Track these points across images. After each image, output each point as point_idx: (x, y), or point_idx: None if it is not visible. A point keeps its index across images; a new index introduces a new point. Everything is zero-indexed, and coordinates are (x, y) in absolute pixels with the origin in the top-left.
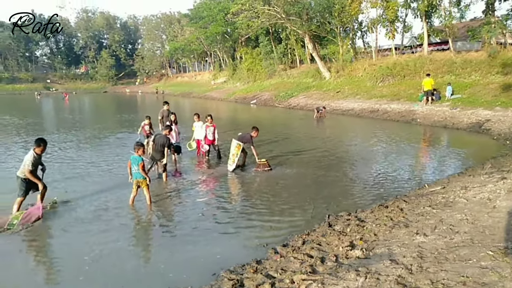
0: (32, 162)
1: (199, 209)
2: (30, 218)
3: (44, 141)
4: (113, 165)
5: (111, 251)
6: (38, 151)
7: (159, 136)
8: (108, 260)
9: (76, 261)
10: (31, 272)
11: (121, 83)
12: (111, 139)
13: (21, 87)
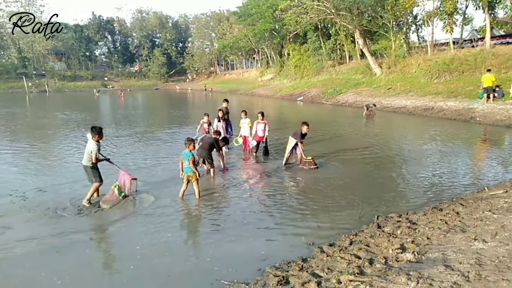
0: (98, 149)
1: (245, 205)
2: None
3: (101, 128)
4: (164, 160)
5: (161, 242)
6: (97, 139)
7: (208, 137)
8: (157, 251)
9: (129, 249)
10: (89, 256)
11: (172, 80)
12: (162, 134)
13: (81, 84)
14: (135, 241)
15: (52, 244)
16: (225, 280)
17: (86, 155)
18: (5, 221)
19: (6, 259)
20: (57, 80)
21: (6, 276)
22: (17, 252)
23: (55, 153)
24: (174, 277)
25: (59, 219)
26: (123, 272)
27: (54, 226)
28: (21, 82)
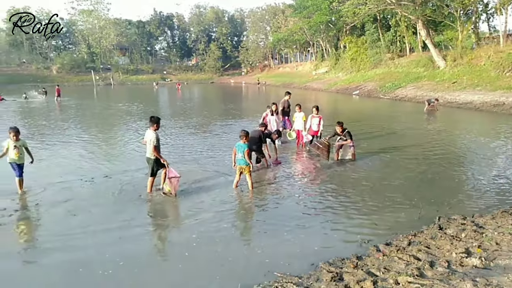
0: (157, 138)
1: (297, 199)
2: (174, 186)
3: (159, 118)
4: (218, 152)
5: (215, 232)
6: (155, 128)
7: (254, 130)
8: (211, 240)
9: (186, 237)
10: (147, 242)
11: (227, 74)
12: (217, 127)
13: (143, 77)
14: (191, 230)
15: (115, 230)
16: (278, 272)
17: (148, 146)
18: (76, 204)
19: (74, 239)
20: (121, 73)
21: (73, 259)
22: (85, 236)
23: (119, 142)
24: (227, 266)
25: (123, 205)
26: (178, 259)
27: (118, 212)
28: (90, 75)
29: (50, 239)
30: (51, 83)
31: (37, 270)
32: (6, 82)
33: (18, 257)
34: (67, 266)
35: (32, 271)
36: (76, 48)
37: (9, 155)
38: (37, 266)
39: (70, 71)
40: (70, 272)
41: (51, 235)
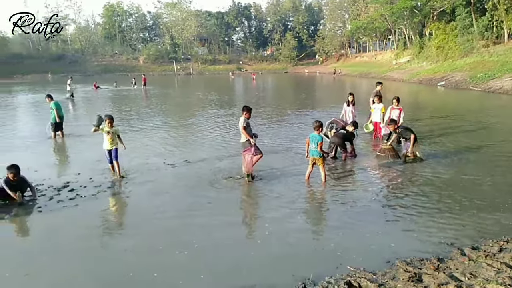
0: (246, 122)
1: (373, 193)
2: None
3: (250, 108)
4: (290, 142)
5: (288, 223)
6: (247, 116)
7: (342, 132)
8: (284, 231)
9: (259, 225)
10: (220, 226)
11: (301, 63)
12: (289, 116)
13: (220, 67)
14: (263, 218)
15: (194, 211)
16: (351, 266)
17: (241, 133)
18: (159, 186)
19: (159, 218)
20: (200, 63)
21: (153, 232)
22: (168, 216)
23: (198, 129)
24: (299, 258)
25: (203, 188)
26: (252, 248)
27: (197, 194)
28: (172, 65)
29: (133, 218)
30: (138, 72)
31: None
32: (101, 71)
33: (101, 230)
34: (142, 244)
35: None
36: (161, 39)
37: (104, 143)
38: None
39: (154, 61)
40: (145, 253)
41: (135, 212)
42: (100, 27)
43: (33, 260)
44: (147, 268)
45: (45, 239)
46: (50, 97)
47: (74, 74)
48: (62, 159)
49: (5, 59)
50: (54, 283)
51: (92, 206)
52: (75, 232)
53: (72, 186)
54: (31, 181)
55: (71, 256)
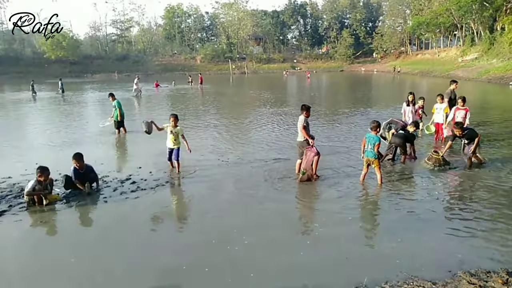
0: (306, 121)
1: (432, 199)
2: (309, 159)
3: (309, 106)
4: (345, 141)
5: (341, 225)
6: (306, 115)
7: (402, 132)
8: (337, 232)
9: (311, 226)
10: (283, 226)
11: (357, 62)
12: (344, 116)
13: (274, 66)
14: (315, 219)
15: (247, 209)
16: (408, 273)
17: (299, 132)
18: (214, 182)
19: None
20: (254, 62)
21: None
22: (222, 211)
23: (251, 127)
24: (353, 262)
25: (256, 186)
26: (303, 248)
27: (250, 193)
28: (227, 64)
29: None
30: (195, 71)
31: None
32: (161, 70)
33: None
34: (195, 237)
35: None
36: (217, 39)
37: (167, 141)
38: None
39: (211, 61)
40: (197, 246)
41: (190, 206)
42: (161, 28)
43: (95, 247)
44: (199, 262)
45: (109, 227)
46: (112, 96)
47: (136, 73)
48: (125, 153)
49: (78, 60)
50: (112, 269)
51: (151, 198)
52: (135, 222)
53: (134, 179)
54: (98, 172)
55: (131, 244)
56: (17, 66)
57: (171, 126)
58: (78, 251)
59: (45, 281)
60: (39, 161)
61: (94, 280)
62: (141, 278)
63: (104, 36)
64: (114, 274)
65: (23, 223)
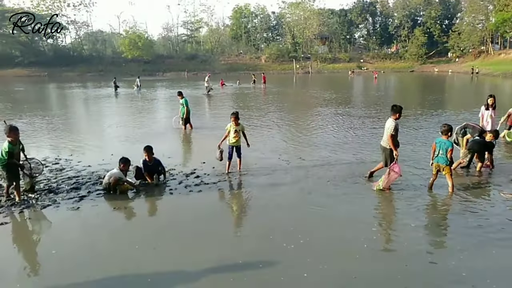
0: (395, 128)
1: (507, 210)
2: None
3: (401, 107)
4: (411, 146)
5: (406, 232)
6: (396, 117)
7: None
8: (400, 240)
9: (368, 233)
10: (337, 232)
11: (430, 62)
12: (411, 119)
13: (339, 66)
14: (370, 222)
15: (305, 210)
16: None
17: (384, 134)
18: (274, 180)
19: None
20: (319, 62)
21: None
22: (280, 209)
23: (312, 128)
24: (414, 272)
25: (317, 187)
26: (361, 250)
27: (310, 193)
28: (291, 64)
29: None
30: (259, 71)
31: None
32: (227, 70)
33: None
34: (253, 232)
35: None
36: (282, 39)
37: (229, 138)
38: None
39: (275, 60)
40: (256, 241)
41: (251, 203)
42: (228, 29)
43: (159, 235)
44: (255, 256)
45: (173, 217)
46: (180, 94)
47: (203, 72)
48: (190, 149)
49: (151, 59)
50: (177, 256)
51: (214, 193)
52: (197, 213)
53: (198, 173)
54: (165, 165)
55: (192, 234)
56: (99, 65)
57: (233, 125)
58: (143, 237)
59: (110, 263)
60: (114, 153)
61: (154, 264)
62: (199, 266)
63: (175, 36)
64: (174, 261)
65: (100, 208)
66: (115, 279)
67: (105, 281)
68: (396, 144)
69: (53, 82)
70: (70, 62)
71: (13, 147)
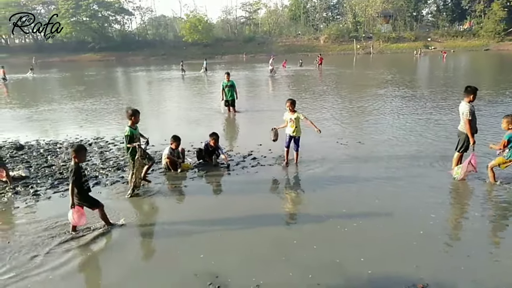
0: (471, 111)
1: None
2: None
3: (476, 88)
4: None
5: (458, 229)
6: (470, 100)
7: None
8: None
9: (422, 221)
10: (392, 219)
11: (509, 39)
12: (486, 105)
13: (403, 45)
14: (427, 215)
15: (360, 192)
16: None
17: (461, 119)
18: (331, 162)
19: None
20: (381, 42)
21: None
22: (336, 188)
23: (369, 111)
24: (479, 267)
25: (373, 171)
26: (412, 240)
27: (366, 179)
28: (351, 44)
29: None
30: (318, 52)
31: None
32: (284, 51)
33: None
34: (305, 213)
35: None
36: (343, 18)
37: (287, 128)
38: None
39: (335, 41)
40: (307, 222)
41: (306, 183)
42: (287, 9)
43: (217, 211)
44: (309, 238)
45: (230, 196)
46: (228, 75)
47: (260, 55)
48: (247, 131)
49: (210, 42)
50: (229, 232)
51: (269, 174)
52: (253, 194)
53: (255, 155)
54: (223, 147)
55: (248, 212)
56: (161, 49)
57: (288, 113)
58: (202, 215)
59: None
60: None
61: (210, 240)
62: (254, 243)
63: (234, 19)
64: (229, 238)
65: (163, 186)
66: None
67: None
68: (474, 130)
69: (121, 66)
70: (136, 46)
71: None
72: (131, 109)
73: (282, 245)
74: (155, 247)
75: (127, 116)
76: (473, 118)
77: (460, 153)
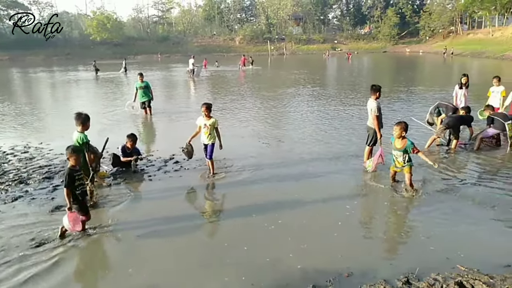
0: (378, 108)
1: (488, 192)
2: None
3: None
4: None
5: (393, 214)
6: (376, 97)
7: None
8: (390, 221)
9: (339, 213)
10: (321, 211)
11: (402, 42)
12: (387, 101)
13: (313, 47)
14: (344, 205)
15: (287, 189)
16: (462, 266)
17: (369, 115)
18: (256, 161)
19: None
20: (293, 43)
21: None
22: (262, 188)
23: (288, 108)
24: (403, 251)
25: (300, 168)
26: (347, 231)
27: (292, 173)
28: (266, 45)
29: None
30: (233, 53)
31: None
32: (200, 51)
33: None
34: (235, 214)
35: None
36: (256, 20)
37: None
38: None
39: (249, 42)
40: (238, 224)
41: (233, 184)
42: (201, 9)
43: (145, 219)
44: (237, 240)
45: (156, 204)
46: (141, 75)
47: (176, 55)
48: (165, 134)
49: (121, 41)
50: (163, 236)
51: (194, 178)
52: (178, 199)
53: (177, 158)
54: (142, 152)
55: (177, 220)
56: (65, 48)
57: (203, 118)
58: (126, 226)
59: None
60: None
61: (138, 251)
62: (185, 250)
63: (146, 18)
64: (158, 247)
65: None
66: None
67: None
68: (380, 125)
69: (17, 67)
70: (35, 45)
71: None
72: (84, 113)
73: (214, 249)
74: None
75: (79, 121)
76: (380, 114)
77: (370, 146)
